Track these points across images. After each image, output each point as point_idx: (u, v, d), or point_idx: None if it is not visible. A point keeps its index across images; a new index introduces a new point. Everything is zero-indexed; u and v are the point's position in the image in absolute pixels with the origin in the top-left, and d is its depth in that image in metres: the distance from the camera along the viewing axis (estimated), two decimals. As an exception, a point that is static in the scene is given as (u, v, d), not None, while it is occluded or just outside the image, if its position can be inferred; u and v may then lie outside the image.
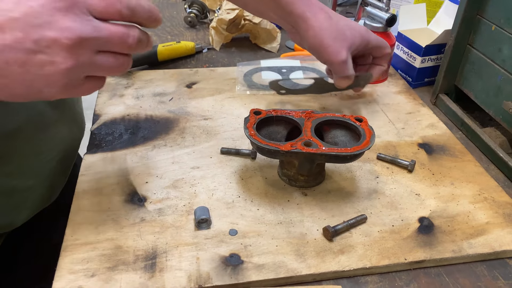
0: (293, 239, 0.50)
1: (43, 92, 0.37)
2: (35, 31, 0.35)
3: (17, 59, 0.35)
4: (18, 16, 0.34)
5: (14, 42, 0.34)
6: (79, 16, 0.36)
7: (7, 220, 0.57)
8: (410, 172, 0.60)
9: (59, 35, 0.35)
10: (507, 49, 0.62)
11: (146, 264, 0.46)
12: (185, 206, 0.53)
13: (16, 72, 0.35)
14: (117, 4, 0.37)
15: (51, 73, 0.36)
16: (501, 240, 0.51)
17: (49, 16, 0.35)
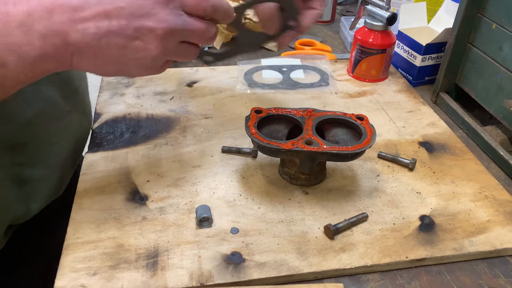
0: (295, 237, 0.50)
1: (132, 72, 0.44)
2: (137, 20, 0.40)
3: (118, 43, 0.40)
4: (124, 5, 0.39)
5: (119, 28, 0.39)
6: (173, 10, 0.41)
7: (21, 210, 0.58)
8: (411, 170, 0.60)
9: (156, 25, 0.40)
10: (507, 48, 0.62)
11: (148, 262, 0.46)
12: (186, 204, 0.53)
13: (114, 54, 0.41)
14: (204, 2, 0.43)
15: (143, 57, 0.42)
16: (502, 238, 0.51)
17: (151, 9, 0.40)
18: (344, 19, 1.00)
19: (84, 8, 0.38)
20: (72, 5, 0.38)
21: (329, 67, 0.85)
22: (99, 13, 0.39)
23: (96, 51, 0.40)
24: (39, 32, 0.37)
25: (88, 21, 0.39)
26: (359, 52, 0.79)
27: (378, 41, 0.77)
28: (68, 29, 0.38)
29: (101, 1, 0.39)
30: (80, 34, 0.39)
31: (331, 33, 1.03)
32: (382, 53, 0.78)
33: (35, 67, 0.39)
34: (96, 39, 0.39)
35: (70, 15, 0.38)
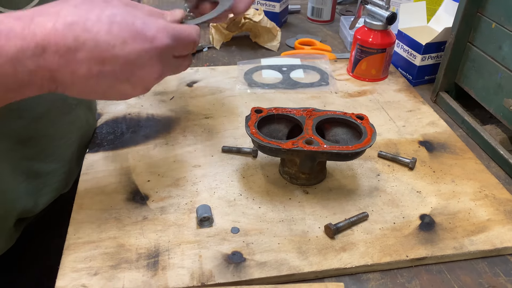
0: (295, 236, 0.50)
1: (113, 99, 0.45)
2: (131, 69, 0.41)
3: (107, 84, 0.41)
4: (121, 54, 0.40)
5: (110, 73, 0.40)
6: (166, 59, 0.44)
7: (30, 203, 0.58)
8: (411, 169, 0.60)
9: (148, 75, 0.43)
10: (507, 47, 0.62)
11: (148, 262, 0.46)
12: (187, 204, 0.53)
13: (101, 90, 0.42)
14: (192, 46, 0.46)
15: (126, 95, 0.44)
16: (502, 237, 0.51)
17: (147, 60, 0.41)
18: (344, 18, 1.00)
19: (79, 49, 0.38)
20: (67, 45, 0.38)
21: (329, 66, 0.85)
22: (93, 58, 0.39)
23: (83, 87, 0.41)
24: (28, 67, 0.37)
25: (81, 63, 0.39)
26: (359, 51, 0.79)
27: (378, 40, 0.77)
28: (59, 67, 0.38)
29: (98, 45, 0.39)
30: (69, 73, 0.39)
31: (331, 33, 1.03)
32: (382, 53, 0.78)
33: (16, 94, 0.39)
34: (84, 79, 0.40)
35: (63, 55, 0.38)
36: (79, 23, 0.38)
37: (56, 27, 0.38)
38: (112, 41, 0.39)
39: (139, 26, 0.41)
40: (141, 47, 0.40)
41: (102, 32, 0.39)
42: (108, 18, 0.40)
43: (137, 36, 0.40)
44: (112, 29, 0.39)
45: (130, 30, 0.40)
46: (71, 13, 0.39)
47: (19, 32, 0.37)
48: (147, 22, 0.41)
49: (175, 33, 0.43)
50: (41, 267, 0.66)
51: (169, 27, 0.43)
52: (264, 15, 0.91)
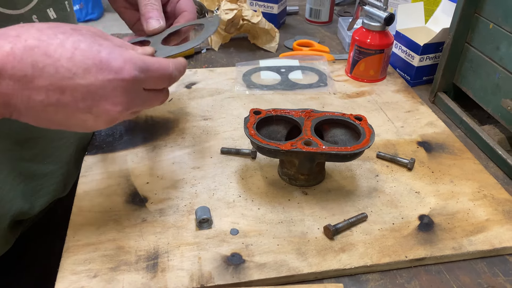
0: (294, 238, 0.50)
1: (74, 129, 0.42)
2: (93, 100, 0.39)
3: (66, 113, 0.39)
4: (83, 84, 0.38)
5: (70, 103, 0.38)
6: (133, 93, 0.41)
7: (27, 205, 0.58)
8: (409, 170, 0.60)
9: (112, 108, 0.40)
10: (504, 47, 0.62)
11: (148, 264, 0.46)
12: (186, 206, 0.53)
13: (59, 120, 0.39)
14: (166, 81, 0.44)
15: (89, 126, 0.41)
16: (501, 237, 0.51)
17: (111, 91, 0.39)
18: (342, 19, 1.00)
19: (37, 76, 0.36)
20: (24, 71, 0.36)
21: (327, 67, 0.85)
22: (52, 85, 0.37)
23: (40, 114, 0.38)
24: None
25: (38, 90, 0.37)
26: (357, 52, 0.79)
27: (376, 41, 0.77)
28: (14, 93, 0.36)
29: (58, 75, 0.37)
30: (25, 99, 0.37)
31: (329, 34, 1.04)
32: (380, 54, 0.78)
33: None
34: (42, 106, 0.37)
35: (19, 80, 0.36)
36: (40, 48, 0.36)
37: (14, 51, 0.36)
38: (73, 69, 0.37)
39: (104, 56, 0.38)
40: (105, 78, 0.38)
41: (63, 58, 0.37)
42: (72, 44, 0.38)
43: (101, 66, 0.38)
44: (75, 56, 0.37)
45: (94, 59, 0.38)
46: (33, 37, 0.37)
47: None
48: (114, 52, 0.39)
49: (144, 65, 0.41)
50: (40, 270, 0.66)
51: (137, 59, 0.41)
52: (262, 17, 0.91)
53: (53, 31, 0.38)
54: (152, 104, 0.45)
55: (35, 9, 0.54)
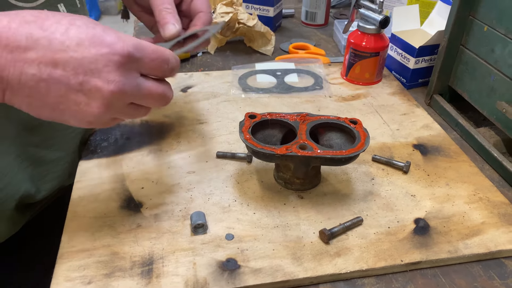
0: (290, 242, 0.50)
1: (69, 122, 0.41)
2: (84, 75, 0.37)
3: (57, 91, 0.38)
4: (75, 56, 0.37)
5: (62, 77, 0.37)
6: (128, 72, 0.39)
7: (33, 189, 0.60)
8: (405, 173, 0.60)
9: (104, 85, 0.38)
10: (499, 49, 0.62)
11: (143, 270, 0.46)
12: (181, 211, 0.53)
13: (52, 101, 0.38)
14: (164, 65, 0.42)
15: (83, 111, 0.39)
16: (497, 240, 0.51)
17: (103, 66, 0.38)
18: (338, 22, 1.00)
19: (30, 49, 0.36)
20: (18, 43, 0.36)
21: (323, 70, 0.85)
22: (45, 58, 0.37)
23: (32, 92, 0.38)
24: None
25: (31, 62, 0.36)
26: (352, 55, 0.79)
27: (371, 44, 0.77)
28: (6, 64, 0.36)
29: (52, 48, 0.37)
30: (18, 72, 0.36)
31: (325, 37, 1.04)
32: (375, 56, 0.78)
33: None
34: (33, 81, 0.37)
35: (12, 51, 0.36)
36: (37, 22, 0.37)
37: (11, 24, 0.36)
38: (67, 42, 0.37)
39: (98, 31, 0.38)
40: (97, 51, 0.37)
41: (58, 32, 0.37)
42: (69, 21, 0.38)
43: (94, 40, 0.38)
44: (69, 30, 0.37)
45: (88, 33, 0.38)
46: (31, 14, 0.38)
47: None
48: (109, 30, 0.39)
49: (139, 45, 0.40)
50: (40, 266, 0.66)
51: (132, 38, 0.40)
52: (258, 20, 0.91)
53: (49, 12, 0.39)
54: (150, 97, 0.42)
55: (46, 4, 0.55)
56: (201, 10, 0.56)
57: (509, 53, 0.60)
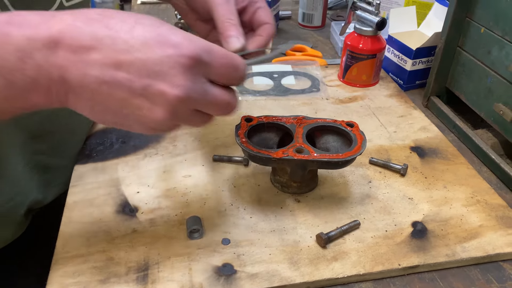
0: (287, 247, 0.49)
1: (132, 128, 0.39)
2: (148, 78, 0.35)
3: (120, 95, 0.35)
4: (140, 57, 0.35)
5: (125, 81, 0.35)
6: (195, 76, 0.36)
7: (40, 195, 0.61)
8: (402, 176, 0.60)
9: (169, 89, 0.35)
10: (496, 51, 0.62)
11: (138, 275, 0.46)
12: (177, 216, 0.53)
13: (114, 105, 0.36)
14: (234, 72, 0.39)
15: (146, 116, 0.36)
16: (494, 243, 0.51)
17: (169, 68, 0.35)
18: (334, 24, 1.00)
19: (94, 49, 0.34)
20: (82, 43, 0.34)
21: (320, 72, 0.85)
22: (108, 59, 0.35)
23: (94, 95, 0.36)
24: (36, 61, 0.33)
25: (94, 63, 0.34)
26: (349, 57, 0.79)
27: (368, 46, 0.77)
28: (69, 65, 0.34)
29: (115, 47, 0.35)
30: (81, 73, 0.35)
31: (322, 38, 1.03)
32: (372, 58, 0.78)
33: (22, 98, 0.35)
34: (96, 83, 0.35)
35: (76, 51, 0.34)
36: (102, 21, 0.35)
37: (76, 22, 0.35)
38: (131, 41, 0.35)
39: (164, 30, 0.36)
40: (163, 52, 0.35)
41: (122, 31, 0.35)
42: (134, 20, 0.36)
43: (160, 39, 0.35)
44: (134, 29, 0.35)
45: (153, 32, 0.35)
46: (96, 13, 0.36)
47: (34, 24, 0.34)
48: (176, 29, 0.37)
49: (207, 47, 0.37)
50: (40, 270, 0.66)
51: (200, 40, 0.37)
52: (254, 22, 0.91)
53: (114, 11, 0.37)
54: (215, 104, 0.39)
55: None
56: (266, 22, 0.54)
57: (506, 55, 0.60)
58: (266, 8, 0.55)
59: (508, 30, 0.60)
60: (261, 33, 0.53)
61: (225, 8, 0.50)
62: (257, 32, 0.54)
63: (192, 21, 0.58)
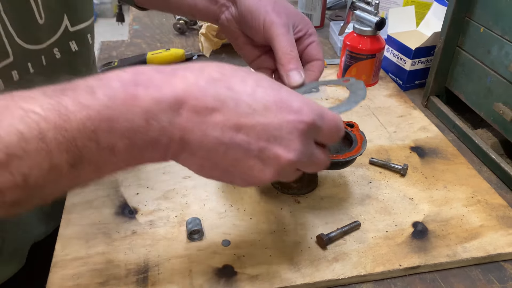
0: (287, 248, 0.49)
1: (234, 182, 0.39)
2: (266, 142, 0.35)
3: (235, 155, 0.35)
4: (262, 121, 0.35)
5: (243, 143, 0.35)
6: (307, 140, 0.37)
7: (43, 229, 0.63)
8: (403, 176, 0.60)
9: (284, 153, 0.36)
10: (495, 51, 0.62)
11: (138, 278, 0.45)
12: (176, 217, 0.53)
13: (226, 164, 0.36)
14: (337, 135, 0.40)
15: (253, 176, 0.37)
16: (495, 243, 0.50)
17: (287, 133, 0.36)
18: (333, 24, 1.00)
19: (218, 111, 0.34)
20: (206, 105, 0.34)
21: (319, 72, 0.84)
22: (230, 121, 0.34)
23: (209, 155, 0.35)
24: (161, 123, 0.33)
25: (215, 125, 0.34)
26: (348, 57, 0.79)
27: (367, 46, 0.77)
28: (192, 127, 0.34)
29: (238, 110, 0.34)
30: (201, 134, 0.34)
31: (321, 38, 1.03)
32: (371, 58, 0.77)
33: (139, 158, 0.35)
34: (215, 144, 0.35)
35: (199, 112, 0.34)
36: (224, 81, 0.35)
37: (199, 82, 0.34)
38: (254, 104, 0.35)
39: (284, 95, 0.36)
40: (284, 118, 0.35)
41: (245, 94, 0.35)
42: (254, 82, 0.36)
43: (282, 105, 0.36)
44: (256, 92, 0.35)
45: (275, 96, 0.36)
46: (215, 71, 0.36)
47: (158, 83, 0.34)
48: (293, 93, 0.38)
49: (320, 111, 0.38)
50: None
51: (313, 103, 0.38)
52: (253, 22, 0.91)
53: (231, 68, 0.37)
54: (315, 164, 0.40)
55: (57, 43, 0.54)
56: (318, 58, 0.54)
57: (506, 55, 0.60)
58: (318, 43, 0.55)
59: (507, 29, 0.60)
60: (313, 68, 0.54)
61: (287, 39, 0.50)
62: (309, 67, 0.54)
63: (240, 44, 0.57)
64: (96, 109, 0.31)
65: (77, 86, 0.33)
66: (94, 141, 0.31)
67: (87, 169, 0.33)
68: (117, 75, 0.34)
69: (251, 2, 0.52)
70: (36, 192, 0.32)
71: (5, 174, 0.29)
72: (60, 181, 0.32)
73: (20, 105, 0.30)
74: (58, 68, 0.56)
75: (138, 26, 1.06)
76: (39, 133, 0.30)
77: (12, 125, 0.29)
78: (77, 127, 0.31)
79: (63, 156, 0.31)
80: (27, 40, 0.50)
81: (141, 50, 0.95)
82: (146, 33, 1.03)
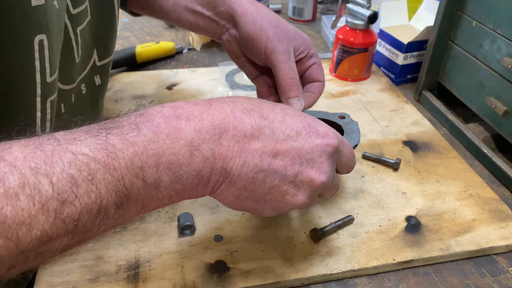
0: (280, 243, 0.49)
1: (264, 212, 0.39)
2: (301, 165, 0.37)
3: (271, 182, 0.37)
4: (295, 146, 0.37)
5: (280, 168, 0.36)
6: (333, 163, 0.40)
7: None
8: (395, 170, 0.60)
9: (317, 176, 0.38)
10: (488, 45, 0.62)
11: (129, 274, 0.45)
12: (168, 212, 0.52)
13: (262, 192, 0.37)
14: (352, 162, 0.43)
15: (286, 202, 0.38)
16: (488, 237, 0.50)
17: (318, 157, 0.38)
18: (325, 18, 0.99)
19: (256, 138, 0.36)
20: (244, 132, 0.35)
21: (311, 66, 0.84)
22: (268, 148, 0.36)
23: (247, 184, 0.36)
24: (203, 154, 0.34)
25: (254, 152, 0.36)
26: (341, 51, 0.79)
27: (360, 40, 0.76)
28: (232, 155, 0.35)
29: (274, 137, 0.36)
30: (241, 162, 0.35)
31: (313, 32, 1.03)
32: (364, 52, 0.77)
33: (182, 191, 0.34)
34: (254, 171, 0.36)
35: (239, 141, 0.35)
36: (256, 110, 0.37)
37: (235, 112, 0.36)
38: (287, 131, 0.37)
39: (310, 121, 0.39)
40: (314, 142, 0.38)
41: (276, 121, 0.37)
42: (281, 110, 0.39)
43: (310, 130, 0.38)
44: (286, 119, 0.38)
45: (303, 122, 0.38)
46: (246, 102, 0.38)
47: (198, 115, 0.35)
48: (318, 121, 0.40)
49: (341, 137, 0.41)
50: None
51: (335, 132, 0.41)
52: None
53: (259, 99, 0.39)
54: (333, 188, 0.42)
55: (85, 78, 0.53)
56: (318, 80, 0.55)
57: (498, 49, 0.60)
58: (320, 64, 0.56)
59: (499, 23, 0.60)
60: (313, 89, 0.55)
61: (288, 66, 0.51)
62: (309, 88, 0.55)
63: (242, 63, 0.58)
64: (142, 145, 0.31)
65: (120, 123, 0.32)
66: (140, 178, 0.31)
67: (132, 208, 0.32)
68: (158, 111, 0.34)
69: (252, 28, 0.53)
70: (82, 236, 0.30)
71: (56, 222, 0.28)
72: (106, 223, 0.31)
73: (68, 148, 0.29)
74: (83, 103, 0.54)
75: (126, 19, 1.04)
76: (88, 174, 0.29)
77: (64, 171, 0.28)
78: (125, 164, 0.30)
79: (111, 197, 0.30)
80: (64, 81, 0.47)
81: (130, 43, 0.93)
82: (135, 26, 1.01)
